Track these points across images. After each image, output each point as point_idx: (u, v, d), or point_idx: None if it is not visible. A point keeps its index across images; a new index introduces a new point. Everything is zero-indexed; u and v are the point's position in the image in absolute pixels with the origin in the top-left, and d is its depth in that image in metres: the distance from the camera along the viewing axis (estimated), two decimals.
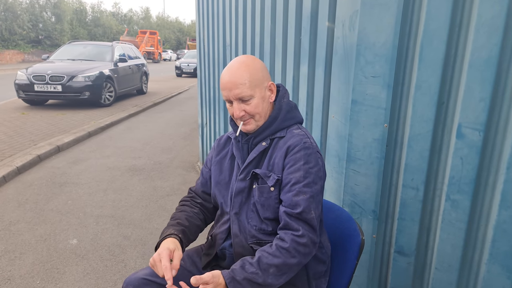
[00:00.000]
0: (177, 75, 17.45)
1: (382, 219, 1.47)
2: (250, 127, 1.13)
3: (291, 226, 1.02)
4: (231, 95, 1.09)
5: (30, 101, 7.99)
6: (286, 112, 1.15)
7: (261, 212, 1.11)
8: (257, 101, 1.10)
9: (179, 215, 1.24)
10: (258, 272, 0.98)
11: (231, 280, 0.97)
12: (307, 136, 1.12)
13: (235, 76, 1.08)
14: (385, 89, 1.32)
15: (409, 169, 1.34)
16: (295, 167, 1.05)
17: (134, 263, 2.37)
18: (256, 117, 1.12)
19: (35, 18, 28.83)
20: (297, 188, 1.03)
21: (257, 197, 1.11)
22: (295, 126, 1.16)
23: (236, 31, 2.86)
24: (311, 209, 1.02)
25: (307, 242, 1.01)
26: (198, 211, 1.29)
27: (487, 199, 1.20)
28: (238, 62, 1.11)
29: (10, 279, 2.19)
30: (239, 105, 1.10)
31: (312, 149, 1.08)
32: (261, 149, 1.13)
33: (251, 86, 1.08)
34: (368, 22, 1.30)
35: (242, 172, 1.15)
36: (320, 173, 1.08)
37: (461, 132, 1.20)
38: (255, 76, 1.10)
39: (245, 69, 1.09)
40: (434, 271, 1.35)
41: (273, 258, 0.99)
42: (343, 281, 1.20)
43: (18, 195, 3.43)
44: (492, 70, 1.11)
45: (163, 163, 4.48)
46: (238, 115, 1.10)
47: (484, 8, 1.10)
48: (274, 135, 1.14)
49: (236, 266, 1.00)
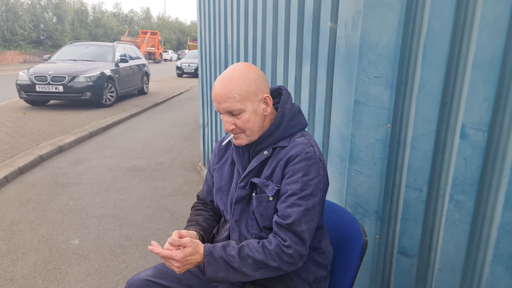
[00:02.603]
0: (178, 75, 17.46)
1: (385, 220, 1.47)
2: (241, 142, 1.09)
3: (279, 235, 1.02)
4: (220, 108, 1.04)
5: (32, 102, 8.01)
6: (289, 120, 1.10)
7: (260, 221, 1.09)
8: (248, 115, 1.04)
9: (196, 218, 1.25)
10: (236, 257, 1.00)
11: (208, 253, 1.00)
12: (311, 144, 1.07)
13: (225, 88, 1.02)
14: (388, 90, 1.32)
15: (412, 169, 1.34)
16: (293, 178, 1.02)
17: (136, 264, 2.37)
18: (247, 132, 1.07)
19: (37, 19, 28.89)
20: (291, 200, 1.01)
21: (255, 206, 1.09)
22: (299, 134, 1.12)
23: (238, 31, 2.86)
24: (302, 222, 1.00)
25: (293, 254, 1.00)
26: (213, 214, 1.31)
27: (491, 200, 1.20)
28: (231, 71, 1.05)
29: (12, 279, 2.19)
30: (229, 118, 1.05)
31: (314, 159, 1.04)
32: (263, 158, 1.09)
33: (242, 99, 1.02)
34: (371, 22, 1.30)
35: (243, 180, 1.12)
36: (320, 184, 1.04)
37: (464, 132, 1.19)
38: (247, 88, 1.03)
39: (236, 81, 1.02)
40: (437, 272, 1.35)
41: (255, 252, 1.01)
42: (346, 282, 1.19)
43: (20, 195, 3.44)
44: (496, 70, 1.11)
45: (164, 163, 4.48)
46: (228, 129, 1.06)
47: (487, 8, 1.09)
48: (277, 144, 1.10)
49: (219, 244, 1.03)
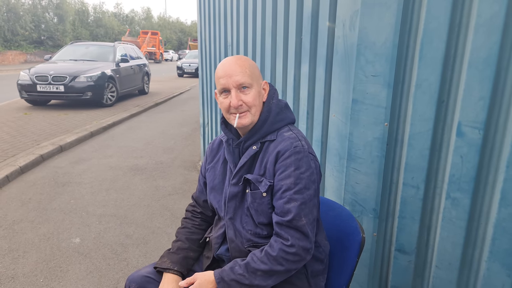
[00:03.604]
0: (179, 75, 17.48)
1: (383, 218, 1.48)
2: (246, 121, 1.08)
3: (281, 235, 1.03)
4: (230, 81, 1.05)
5: (33, 101, 8.03)
6: (275, 114, 1.12)
7: (255, 217, 1.11)
8: (255, 93, 1.09)
9: (180, 235, 1.29)
10: (245, 274, 1.02)
11: (220, 280, 1.03)
12: (298, 138, 1.08)
13: (236, 63, 1.07)
14: (385, 88, 1.33)
15: (409, 167, 1.35)
16: (286, 174, 1.03)
17: (137, 262, 2.38)
18: (252, 110, 1.08)
19: (38, 19, 28.93)
20: (288, 195, 1.02)
21: (250, 202, 1.10)
22: (286, 128, 1.13)
23: (238, 30, 2.87)
24: (302, 216, 1.01)
25: (297, 251, 1.01)
26: (199, 223, 1.32)
27: (487, 197, 1.21)
28: (235, 56, 1.11)
29: (13, 277, 2.20)
30: (237, 94, 1.06)
31: (303, 153, 1.04)
32: (252, 153, 1.11)
33: (251, 76, 1.08)
34: (369, 22, 1.31)
35: (234, 176, 1.13)
36: (313, 176, 1.05)
37: (461, 130, 1.20)
38: (254, 70, 1.10)
39: (245, 60, 1.09)
40: (434, 269, 1.36)
41: (260, 263, 1.02)
42: (343, 279, 1.20)
43: (21, 194, 3.45)
44: (491, 69, 1.12)
45: (165, 162, 4.50)
46: (236, 104, 1.06)
47: (483, 7, 1.11)
48: (264, 138, 1.11)
49: (227, 267, 1.05)
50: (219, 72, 1.09)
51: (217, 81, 1.10)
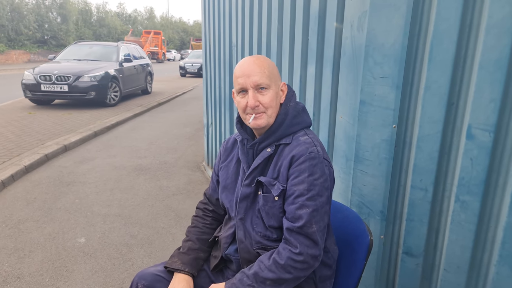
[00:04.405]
0: (181, 75, 17.52)
1: (390, 220, 1.47)
2: (262, 122, 1.07)
3: (290, 242, 1.02)
4: (248, 81, 1.05)
5: (37, 101, 8.07)
6: (292, 118, 1.11)
7: (266, 219, 1.10)
8: (272, 94, 1.08)
9: (191, 235, 1.28)
10: (254, 285, 1.01)
11: None
12: (314, 143, 1.06)
13: (255, 64, 1.06)
14: (393, 90, 1.32)
15: (417, 170, 1.34)
16: (299, 179, 1.02)
17: (141, 262, 2.39)
18: (268, 111, 1.07)
19: (41, 19, 29.08)
20: (300, 201, 1.01)
21: (261, 204, 1.09)
22: (302, 132, 1.11)
23: (243, 31, 2.86)
24: (313, 223, 1.00)
25: (305, 259, 1.00)
26: (210, 222, 1.31)
27: (497, 200, 1.20)
28: (254, 56, 1.10)
29: (19, 276, 2.21)
30: (254, 94, 1.06)
31: (318, 159, 1.03)
32: (266, 155, 1.09)
33: (269, 76, 1.07)
34: (377, 23, 1.30)
35: (247, 177, 1.12)
36: (326, 183, 1.04)
37: (471, 133, 1.19)
38: (273, 70, 1.09)
39: (264, 61, 1.08)
40: (442, 273, 1.35)
41: (268, 272, 1.01)
42: (351, 281, 1.20)
43: (27, 194, 3.47)
44: (502, 71, 1.11)
45: (169, 162, 4.50)
46: (253, 105, 1.05)
47: (494, 9, 1.09)
48: (280, 141, 1.10)
49: (236, 279, 1.04)
50: (237, 72, 1.08)
51: (235, 80, 1.09)
